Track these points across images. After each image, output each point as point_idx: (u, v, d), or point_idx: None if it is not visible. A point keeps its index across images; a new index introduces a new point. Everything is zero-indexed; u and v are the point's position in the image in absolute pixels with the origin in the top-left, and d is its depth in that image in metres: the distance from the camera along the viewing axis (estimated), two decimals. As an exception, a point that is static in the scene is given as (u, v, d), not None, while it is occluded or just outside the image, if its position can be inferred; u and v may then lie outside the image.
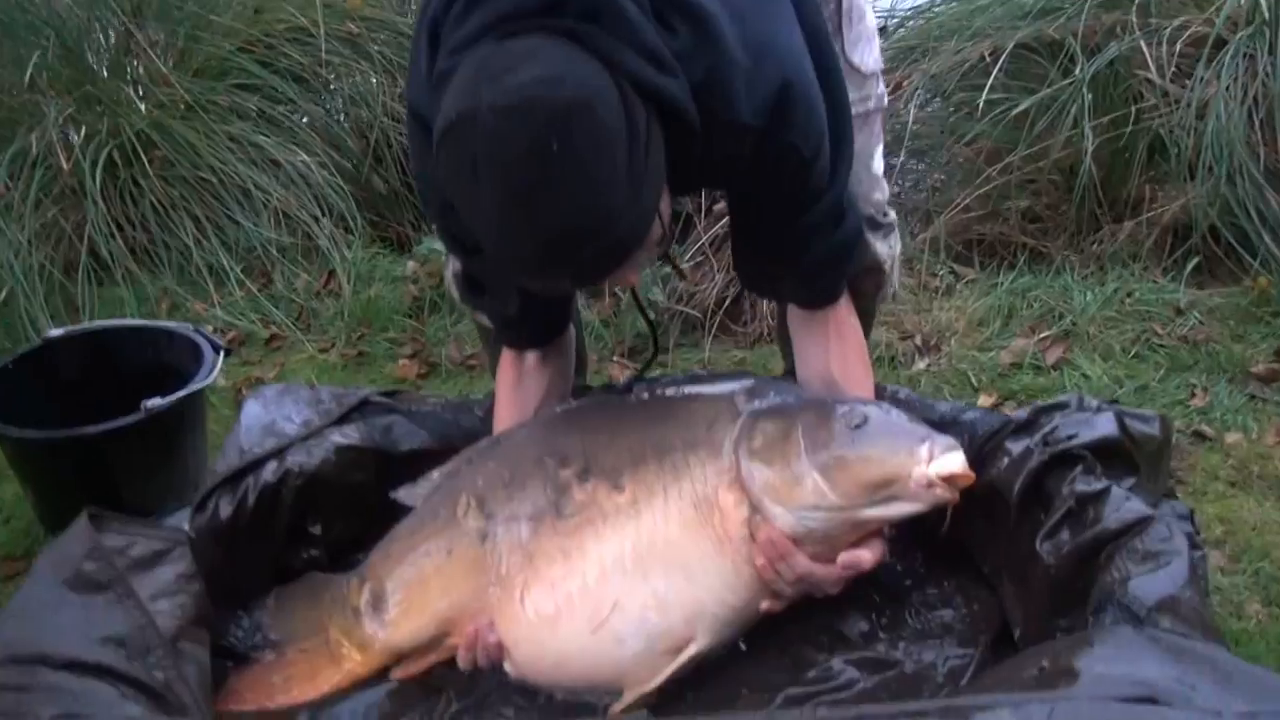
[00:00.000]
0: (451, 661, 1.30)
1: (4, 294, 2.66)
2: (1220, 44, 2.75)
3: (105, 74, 3.07)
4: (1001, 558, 1.30)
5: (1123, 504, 1.15)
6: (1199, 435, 2.11)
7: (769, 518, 1.16)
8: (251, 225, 2.85)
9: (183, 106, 3.00)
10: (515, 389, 1.46)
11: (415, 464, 1.47)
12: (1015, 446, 1.29)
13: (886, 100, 1.59)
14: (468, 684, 1.28)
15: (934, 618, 1.36)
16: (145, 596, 1.26)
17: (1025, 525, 1.24)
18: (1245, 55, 2.67)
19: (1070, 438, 1.24)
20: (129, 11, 3.17)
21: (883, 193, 1.56)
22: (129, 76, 3.10)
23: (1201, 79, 2.70)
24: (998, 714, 0.91)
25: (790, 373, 1.57)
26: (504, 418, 1.46)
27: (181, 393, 1.85)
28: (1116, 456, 1.24)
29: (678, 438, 1.22)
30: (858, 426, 1.14)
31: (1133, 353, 2.39)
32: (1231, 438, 2.08)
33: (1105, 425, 1.25)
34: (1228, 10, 2.78)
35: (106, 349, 2.05)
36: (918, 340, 2.50)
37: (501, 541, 1.25)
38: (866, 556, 1.17)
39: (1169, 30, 2.77)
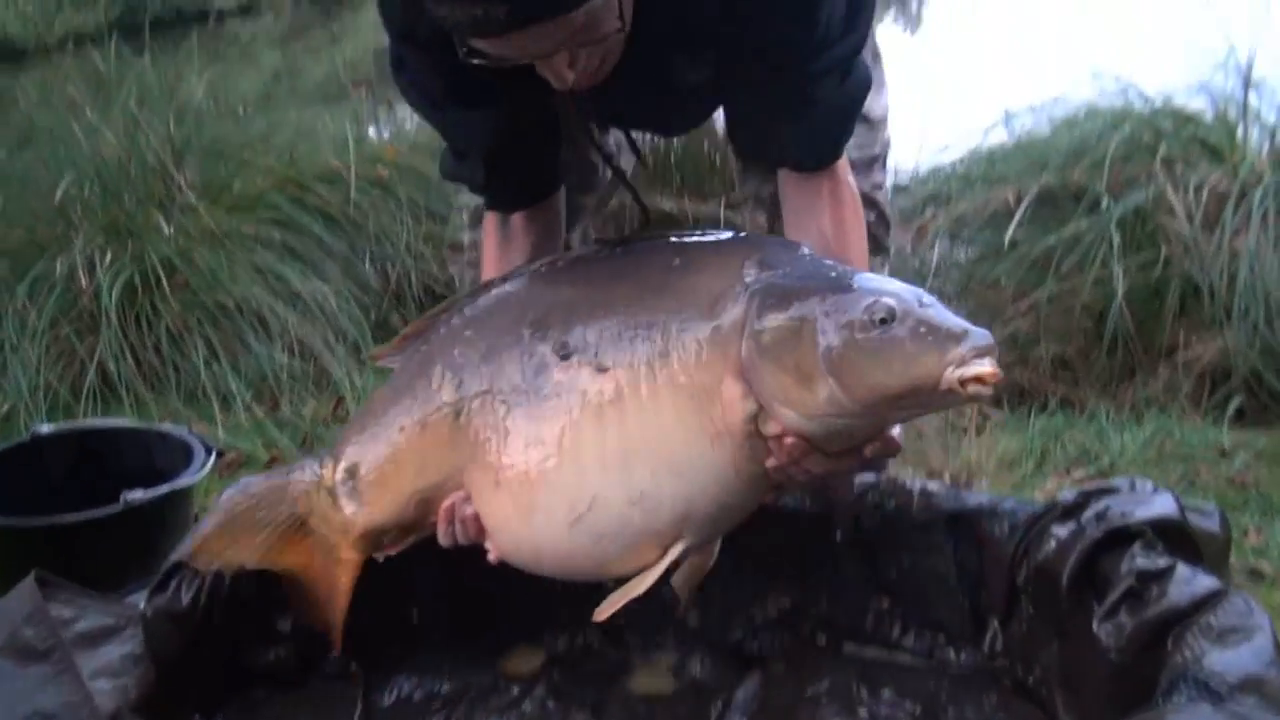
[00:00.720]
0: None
1: (5, 410, 2.62)
2: (1244, 193, 2.74)
3: (137, 209, 3.13)
4: (1051, 657, 1.14)
5: (1192, 579, 1.01)
6: (1256, 574, 1.94)
7: (779, 420, 0.99)
8: (264, 351, 2.82)
9: (209, 236, 3.03)
10: (501, 252, 1.35)
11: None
12: (1062, 530, 1.16)
13: (891, 147, 1.57)
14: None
15: (974, 737, 1.20)
16: (86, 673, 1.13)
17: (1079, 614, 1.09)
18: (1275, 199, 2.65)
19: (1124, 515, 1.11)
20: (172, 153, 3.27)
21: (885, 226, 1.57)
22: (161, 209, 3.14)
23: (1229, 225, 2.67)
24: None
25: None
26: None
27: (165, 488, 1.75)
28: (1177, 538, 1.10)
29: (673, 313, 1.04)
30: (882, 322, 0.95)
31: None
32: (1294, 577, 1.92)
33: (1163, 504, 1.12)
34: (1250, 163, 2.80)
35: (97, 449, 1.97)
36: (946, 479, 2.37)
37: (476, 419, 1.11)
38: (896, 443, 1.03)
39: (1194, 179, 2.77)
